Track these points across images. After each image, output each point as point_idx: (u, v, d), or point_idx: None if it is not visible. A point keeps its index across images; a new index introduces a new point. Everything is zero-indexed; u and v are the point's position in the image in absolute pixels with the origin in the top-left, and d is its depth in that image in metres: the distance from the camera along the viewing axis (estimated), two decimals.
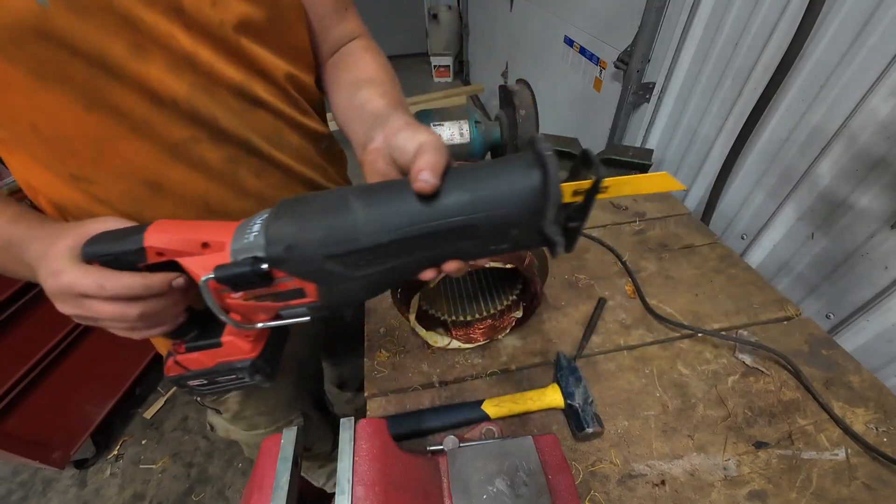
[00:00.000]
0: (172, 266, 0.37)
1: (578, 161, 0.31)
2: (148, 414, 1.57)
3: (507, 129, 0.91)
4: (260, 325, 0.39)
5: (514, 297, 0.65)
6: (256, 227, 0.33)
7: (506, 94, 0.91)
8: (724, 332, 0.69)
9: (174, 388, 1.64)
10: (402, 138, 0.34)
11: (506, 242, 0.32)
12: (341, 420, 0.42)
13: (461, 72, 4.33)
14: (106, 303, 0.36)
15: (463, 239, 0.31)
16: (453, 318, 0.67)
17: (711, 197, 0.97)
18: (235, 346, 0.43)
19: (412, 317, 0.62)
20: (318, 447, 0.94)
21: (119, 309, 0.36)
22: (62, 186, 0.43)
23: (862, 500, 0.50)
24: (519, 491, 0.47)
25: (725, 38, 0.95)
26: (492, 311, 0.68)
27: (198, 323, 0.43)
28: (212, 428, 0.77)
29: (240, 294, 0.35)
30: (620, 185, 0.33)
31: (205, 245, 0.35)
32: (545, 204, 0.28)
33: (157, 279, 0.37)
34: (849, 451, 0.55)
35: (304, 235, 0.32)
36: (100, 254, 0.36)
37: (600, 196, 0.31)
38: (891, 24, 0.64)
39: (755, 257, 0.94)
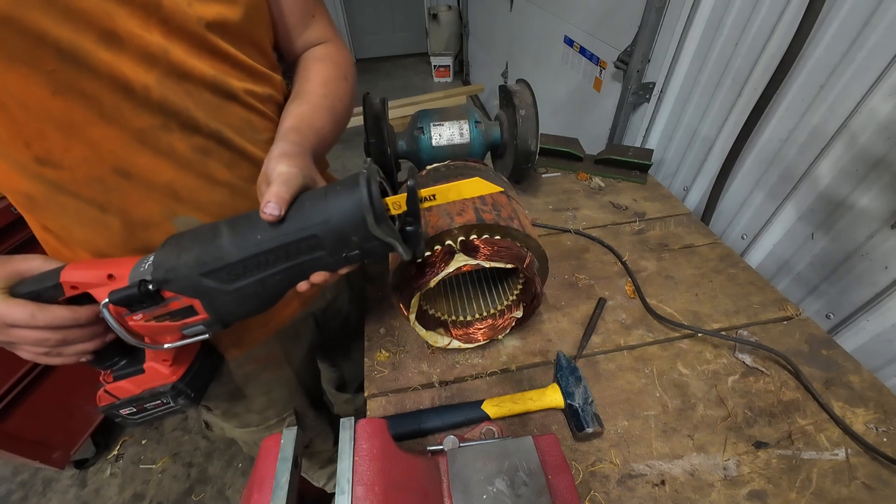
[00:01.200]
0: (89, 298, 0.42)
1: (406, 178, 0.41)
2: None
3: (507, 129, 0.91)
4: (167, 345, 0.44)
5: (515, 296, 0.65)
6: (151, 258, 0.40)
7: (506, 94, 0.91)
8: (723, 332, 0.69)
9: None
10: (270, 167, 0.41)
11: (354, 249, 0.39)
12: (341, 420, 0.42)
13: (461, 72, 4.34)
14: (30, 330, 0.40)
15: (313, 249, 0.39)
16: (453, 317, 0.67)
17: (711, 197, 0.97)
18: (156, 372, 0.48)
19: (412, 317, 0.62)
20: (316, 446, 0.94)
21: (41, 335, 0.41)
22: (23, 175, 0.42)
23: (862, 500, 0.50)
24: (519, 491, 0.47)
25: (725, 38, 0.95)
26: (492, 311, 0.68)
27: (125, 354, 0.48)
28: (208, 426, 0.77)
29: (140, 316, 0.41)
30: (446, 192, 0.41)
31: (110, 276, 0.41)
32: (363, 214, 0.36)
33: (84, 311, 0.42)
34: (849, 451, 0.55)
35: (181, 259, 0.39)
36: (25, 292, 0.41)
37: (430, 203, 0.41)
38: (891, 24, 0.64)
39: (755, 257, 0.94)
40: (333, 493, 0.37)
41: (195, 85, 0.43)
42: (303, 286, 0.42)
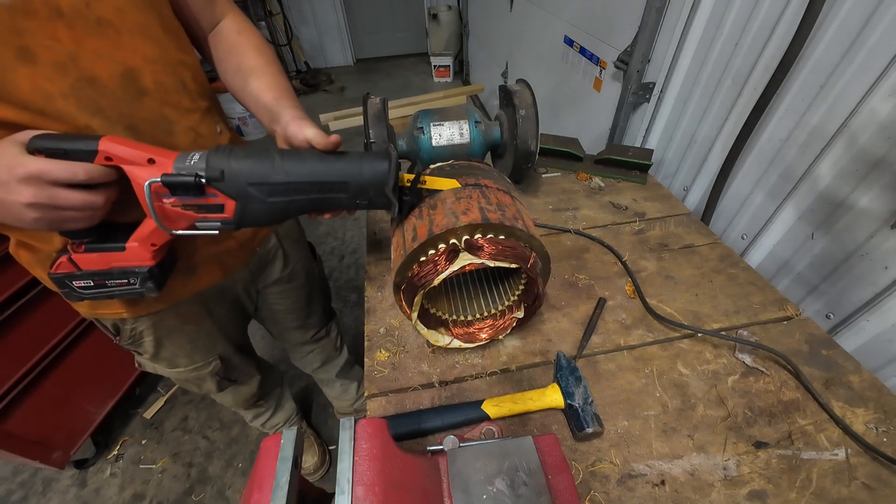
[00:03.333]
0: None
1: (414, 163, 0.58)
2: (148, 414, 1.57)
3: (507, 129, 0.91)
4: (178, 231, 0.49)
5: (516, 297, 0.65)
6: (196, 157, 0.46)
7: (506, 94, 0.91)
8: (723, 332, 0.69)
9: (174, 388, 1.64)
10: (292, 129, 0.52)
11: (365, 199, 0.52)
12: (341, 420, 0.42)
13: (461, 72, 4.33)
14: (75, 192, 0.42)
15: (339, 191, 0.50)
16: (454, 317, 0.67)
17: (711, 197, 0.97)
18: (137, 253, 0.51)
19: (414, 315, 0.62)
20: (242, 386, 0.99)
21: (88, 197, 0.43)
22: None
23: (862, 500, 0.50)
24: (519, 491, 0.47)
25: (725, 38, 0.95)
26: (493, 311, 0.68)
27: (98, 230, 0.50)
28: (140, 365, 0.81)
29: (172, 201, 0.46)
30: (432, 181, 0.58)
31: (150, 161, 0.45)
32: (387, 178, 0.50)
33: (110, 171, 0.45)
34: (849, 451, 0.55)
35: (235, 166, 0.46)
36: (50, 147, 0.41)
37: (421, 185, 0.57)
38: (891, 24, 0.64)
39: (755, 257, 0.94)
40: (333, 493, 0.37)
41: (105, 82, 0.47)
42: (313, 215, 0.54)
